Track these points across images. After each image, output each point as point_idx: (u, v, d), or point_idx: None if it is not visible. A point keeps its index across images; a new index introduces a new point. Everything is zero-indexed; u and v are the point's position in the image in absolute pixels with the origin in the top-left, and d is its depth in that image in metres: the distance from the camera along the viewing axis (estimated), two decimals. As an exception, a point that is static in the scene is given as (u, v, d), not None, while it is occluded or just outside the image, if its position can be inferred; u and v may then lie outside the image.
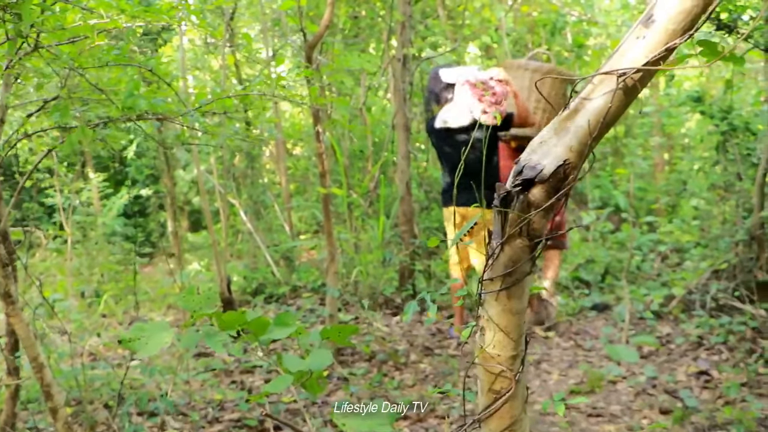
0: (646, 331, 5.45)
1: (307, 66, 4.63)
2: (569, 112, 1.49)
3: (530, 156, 1.52)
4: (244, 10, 8.96)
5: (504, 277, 1.58)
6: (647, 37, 1.40)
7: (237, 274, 7.60)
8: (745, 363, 4.59)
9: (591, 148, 1.49)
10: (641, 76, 1.42)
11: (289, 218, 8.58)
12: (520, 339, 1.66)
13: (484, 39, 8.62)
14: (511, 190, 1.54)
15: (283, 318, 2.57)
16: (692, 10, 1.37)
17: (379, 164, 7.16)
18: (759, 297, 5.40)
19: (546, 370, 4.91)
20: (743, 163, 6.42)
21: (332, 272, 5.23)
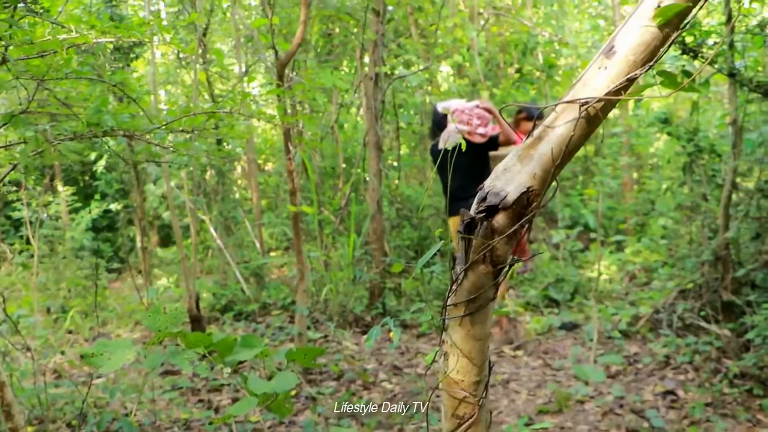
0: (614, 351, 5.49)
1: (278, 84, 4.63)
2: (533, 139, 1.50)
3: (494, 183, 1.53)
4: (217, 25, 8.94)
5: (468, 302, 1.59)
6: (609, 67, 1.42)
7: (206, 291, 7.54)
8: (710, 383, 4.64)
9: (554, 176, 1.50)
10: (603, 105, 1.44)
11: (259, 235, 8.53)
12: (484, 364, 1.67)
13: (456, 58, 8.67)
14: (475, 217, 1.55)
15: (248, 339, 2.56)
16: (652, 43, 1.39)
17: (351, 182, 7.17)
18: (724, 317, 5.46)
19: (514, 390, 4.92)
20: (709, 184, 6.51)
21: (302, 290, 5.22)
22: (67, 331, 6.77)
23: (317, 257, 6.80)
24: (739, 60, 5.58)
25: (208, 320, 6.91)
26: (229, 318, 6.91)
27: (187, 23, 5.39)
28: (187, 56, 6.97)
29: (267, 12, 4.70)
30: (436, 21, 8.43)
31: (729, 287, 5.62)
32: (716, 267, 5.76)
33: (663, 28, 1.38)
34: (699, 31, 5.10)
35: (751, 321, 5.00)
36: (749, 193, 5.85)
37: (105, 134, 3.53)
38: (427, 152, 9.15)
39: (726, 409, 4.30)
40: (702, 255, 5.90)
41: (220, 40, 10.60)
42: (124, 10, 8.39)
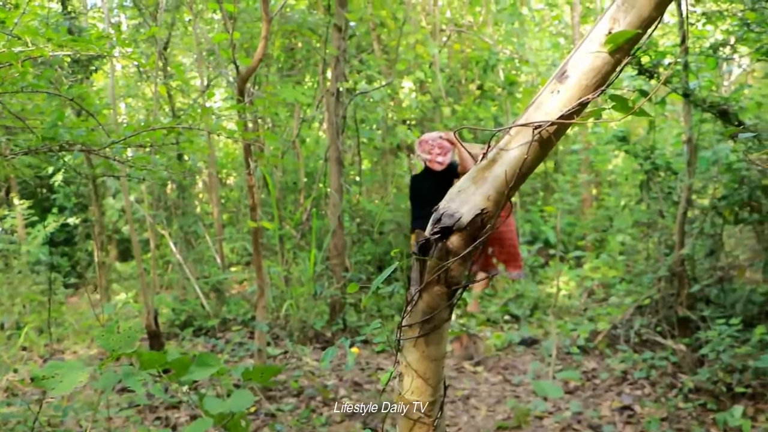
0: (573, 366, 5.54)
1: (239, 99, 4.61)
2: (487, 162, 1.51)
3: (449, 204, 1.54)
4: (179, 39, 8.88)
5: (422, 323, 1.59)
6: (561, 91, 1.44)
7: (166, 306, 7.45)
8: (665, 398, 4.70)
9: (508, 198, 1.51)
10: (556, 128, 1.46)
11: (220, 249, 8.47)
12: (439, 385, 1.67)
13: (419, 74, 8.72)
14: (429, 238, 1.55)
15: (204, 358, 2.53)
16: (603, 68, 1.42)
17: (312, 197, 7.15)
18: (679, 332, 5.55)
19: (474, 406, 4.93)
20: (665, 201, 6.62)
21: (261, 306, 5.18)
22: (21, 348, 6.63)
23: (278, 273, 6.77)
24: (694, 80, 5.70)
25: (167, 336, 6.82)
26: (189, 334, 6.83)
27: (147, 37, 5.35)
28: (148, 70, 6.91)
29: (228, 27, 4.68)
30: (398, 37, 8.47)
31: (684, 303, 5.71)
32: (672, 283, 5.86)
33: (614, 54, 1.40)
34: (654, 52, 5.20)
35: (705, 336, 5.09)
36: (704, 210, 5.97)
37: (61, 149, 3.49)
38: (388, 167, 9.20)
39: (681, 423, 4.36)
40: (658, 271, 5.99)
41: (183, 53, 10.53)
42: (84, 23, 8.31)
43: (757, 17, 4.51)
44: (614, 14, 1.40)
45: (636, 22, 1.38)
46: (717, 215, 5.90)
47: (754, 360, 4.67)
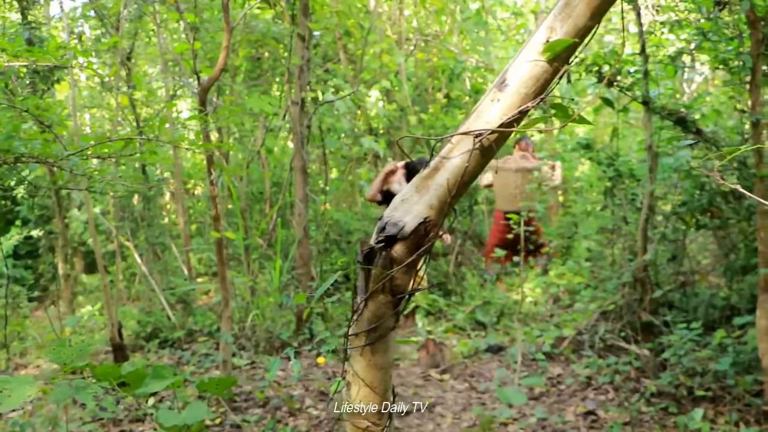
0: (538, 372, 5.56)
1: (200, 109, 4.59)
2: (430, 170, 1.52)
3: (392, 213, 1.54)
4: (143, 49, 8.82)
5: (368, 332, 1.59)
6: (501, 100, 1.45)
7: (131, 318, 7.37)
8: (628, 402, 4.74)
9: (450, 206, 1.52)
10: (497, 137, 1.47)
11: (187, 260, 8.40)
12: (387, 393, 1.67)
13: (385, 83, 8.74)
14: (374, 247, 1.55)
15: (160, 370, 2.51)
16: (542, 76, 1.43)
17: (277, 207, 7.13)
18: (643, 337, 5.60)
19: (440, 414, 4.93)
20: (629, 207, 6.69)
21: (226, 317, 5.16)
22: (-19, 363, 6.53)
23: (242, 283, 6.73)
24: (655, 88, 5.78)
25: (132, 348, 6.75)
26: (154, 346, 6.76)
27: (108, 47, 5.31)
28: (111, 80, 6.86)
29: (189, 37, 4.66)
30: (362, 46, 8.49)
31: (648, 308, 5.77)
32: (636, 288, 5.91)
33: (552, 63, 1.42)
34: (614, 60, 5.27)
35: (667, 341, 5.14)
36: (666, 216, 6.04)
37: (17, 161, 3.44)
38: (355, 176, 9.20)
39: (643, 427, 4.39)
40: (622, 277, 6.04)
41: (148, 63, 10.46)
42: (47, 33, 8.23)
43: (712, 26, 4.58)
44: (551, 24, 1.42)
45: (572, 32, 1.40)
46: (679, 221, 5.97)
47: (714, 363, 4.73)
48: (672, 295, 5.98)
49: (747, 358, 4.68)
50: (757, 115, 4.15)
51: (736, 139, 5.35)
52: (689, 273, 6.20)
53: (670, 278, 6.13)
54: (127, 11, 6.25)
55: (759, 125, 4.15)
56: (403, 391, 5.37)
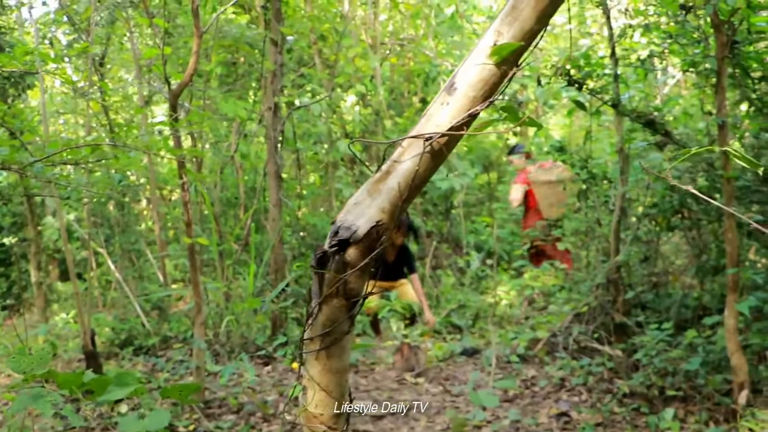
0: (512, 375, 5.58)
1: (170, 114, 4.57)
2: (381, 174, 1.53)
3: (346, 216, 1.55)
4: (117, 54, 8.77)
5: (323, 336, 1.59)
6: (451, 103, 1.46)
7: (105, 326, 7.31)
8: (601, 403, 4.77)
9: (402, 210, 1.53)
10: (447, 140, 1.48)
11: (162, 266, 8.36)
12: (343, 398, 1.67)
13: (360, 88, 8.75)
14: (327, 251, 1.56)
15: (123, 377, 2.49)
16: (490, 79, 1.44)
17: (251, 212, 7.11)
18: (616, 338, 5.63)
19: (414, 418, 4.94)
20: (602, 209, 6.74)
21: (199, 323, 5.13)
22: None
23: (216, 288, 6.70)
24: (627, 91, 5.83)
25: (106, 356, 6.71)
26: (129, 353, 6.72)
27: (77, 53, 5.27)
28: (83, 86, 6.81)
29: (159, 42, 4.64)
30: (336, 51, 8.50)
31: (620, 309, 5.81)
32: (609, 290, 5.95)
33: (500, 66, 1.43)
34: (587, 63, 5.31)
35: (640, 341, 5.18)
36: (637, 217, 6.09)
37: (-18, 167, 3.41)
38: (332, 181, 9.20)
39: (615, 428, 4.42)
40: (595, 279, 6.08)
41: (123, 69, 10.39)
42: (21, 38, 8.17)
43: (678, 30, 4.63)
44: (498, 27, 1.43)
45: (519, 35, 1.41)
46: (651, 222, 6.02)
47: (685, 363, 4.77)
48: (645, 295, 6.02)
49: (717, 357, 4.73)
50: (722, 117, 4.19)
51: (704, 141, 5.40)
52: (662, 274, 6.25)
53: (643, 279, 6.18)
54: (99, 16, 6.21)
55: (725, 127, 4.19)
56: (378, 395, 5.37)
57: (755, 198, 4.82)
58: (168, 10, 5.96)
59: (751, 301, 4.27)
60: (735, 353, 4.29)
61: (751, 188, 4.82)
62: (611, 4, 6.13)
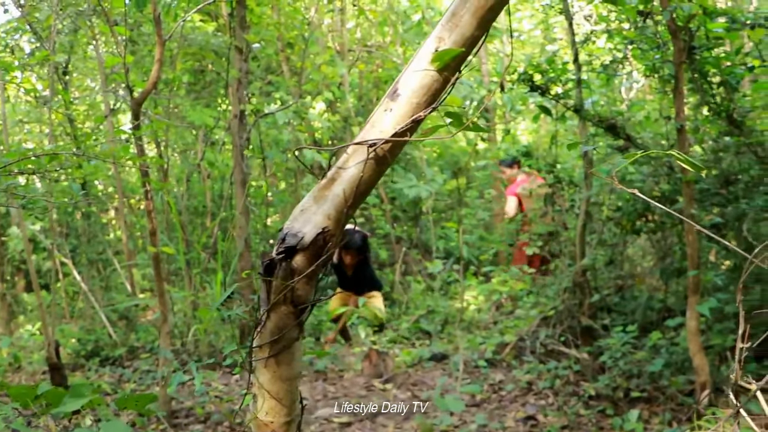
0: (480, 379, 5.60)
1: (133, 123, 4.54)
2: (326, 181, 1.53)
3: (292, 224, 1.55)
4: (82, 62, 8.69)
5: (272, 344, 1.59)
6: (394, 109, 1.47)
7: (71, 337, 7.23)
8: (567, 406, 4.80)
9: (348, 216, 1.53)
10: (391, 146, 1.48)
11: (130, 276, 8.28)
12: (294, 405, 1.67)
13: (327, 95, 8.75)
14: (274, 258, 1.56)
15: (78, 388, 2.47)
16: (432, 86, 1.45)
17: (217, 220, 7.08)
18: (582, 341, 5.68)
19: (382, 424, 4.94)
20: (568, 213, 6.80)
21: (165, 332, 5.09)
22: None
23: (182, 297, 6.65)
24: (590, 96, 5.88)
25: (72, 367, 6.63)
26: (95, 364, 6.65)
27: (37, 61, 5.22)
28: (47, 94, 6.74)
29: (120, 50, 4.61)
30: (302, 58, 8.50)
31: (587, 312, 5.85)
32: (575, 293, 6.00)
33: (442, 72, 1.44)
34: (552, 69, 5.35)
35: (605, 344, 5.23)
36: (602, 221, 6.14)
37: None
38: (301, 189, 9.19)
39: (581, 430, 4.46)
40: (562, 282, 6.13)
41: (90, 77, 10.30)
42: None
43: (637, 36, 4.69)
44: (440, 33, 1.44)
45: (460, 41, 1.42)
46: (615, 225, 6.08)
47: (649, 365, 4.82)
48: (611, 298, 6.08)
49: (680, 358, 4.79)
50: (681, 121, 4.25)
51: (666, 146, 5.47)
52: (627, 277, 6.31)
53: (609, 282, 6.23)
54: (61, 24, 6.16)
55: (683, 131, 4.25)
56: (346, 401, 5.36)
57: (715, 200, 4.89)
58: (132, 18, 5.91)
59: (711, 303, 4.33)
60: (697, 354, 4.35)
61: (710, 191, 4.89)
62: (574, 10, 6.20)
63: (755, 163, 4.83)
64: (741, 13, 4.48)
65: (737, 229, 4.86)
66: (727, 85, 4.68)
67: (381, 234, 9.15)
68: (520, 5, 10.46)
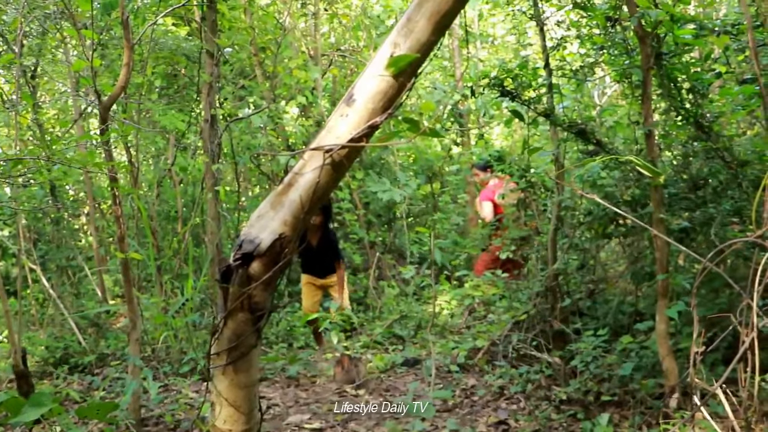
0: (453, 384, 5.59)
1: (101, 128, 4.49)
2: (283, 186, 1.52)
3: (249, 230, 1.53)
4: (52, 66, 8.60)
5: (229, 351, 1.57)
6: (350, 115, 1.46)
7: (40, 344, 7.12)
8: (539, 410, 4.80)
9: (305, 222, 1.52)
10: (348, 152, 1.47)
11: (101, 282, 8.19)
12: (252, 412, 1.65)
13: (300, 99, 8.73)
14: (230, 265, 1.54)
15: (38, 398, 2.43)
16: (388, 91, 1.44)
17: (188, 225, 7.02)
18: (554, 345, 5.69)
19: (354, 429, 4.92)
20: (541, 218, 6.82)
21: (134, 339, 5.03)
22: None
23: (152, 304, 6.58)
24: (561, 101, 5.91)
25: (41, 376, 6.54)
26: (63, 372, 6.55)
27: (3, 64, 5.15)
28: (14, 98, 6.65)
29: (87, 54, 4.56)
30: (275, 62, 8.47)
31: (558, 316, 5.87)
32: (547, 298, 6.01)
33: (397, 77, 1.43)
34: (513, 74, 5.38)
35: (576, 348, 5.24)
36: (574, 225, 6.17)
37: None
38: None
39: (552, 435, 4.46)
40: (534, 286, 6.14)
41: (60, 81, 10.19)
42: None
43: (605, 42, 4.72)
44: (395, 39, 1.43)
45: (415, 47, 1.41)
46: (588, 230, 6.11)
47: (619, 368, 4.84)
48: (583, 302, 6.10)
49: (650, 362, 4.81)
50: (649, 126, 4.28)
51: (636, 151, 5.51)
52: (599, 281, 6.34)
53: (581, 286, 6.26)
54: (28, 27, 6.09)
55: (651, 136, 4.28)
56: (317, 407, 5.34)
57: (684, 205, 4.92)
58: (101, 21, 5.85)
59: (680, 306, 4.36)
60: (666, 357, 4.37)
61: (679, 195, 4.93)
62: (546, 16, 6.23)
63: (723, 168, 4.87)
64: (709, 20, 4.54)
65: (705, 233, 4.90)
66: (696, 91, 4.72)
67: (355, 239, 9.13)
68: (494, 10, 10.49)
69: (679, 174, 5.45)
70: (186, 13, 8.16)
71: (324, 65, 9.64)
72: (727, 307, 4.60)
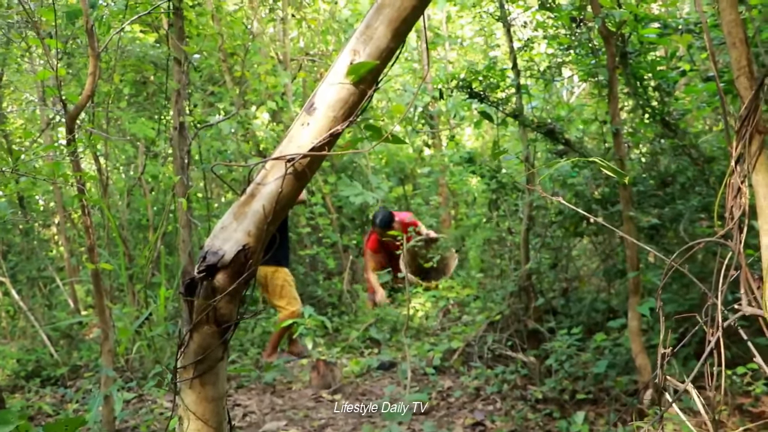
0: (429, 387, 5.59)
1: (68, 138, 4.44)
2: (246, 197, 1.50)
3: (213, 241, 1.52)
4: (15, 75, 8.49)
5: (196, 364, 1.56)
6: (311, 124, 1.45)
7: (10, 357, 7.02)
8: (515, 410, 4.82)
9: (269, 232, 1.51)
10: (310, 161, 1.46)
11: (72, 293, 8.10)
12: (221, 426, 1.63)
13: (270, 104, 8.69)
14: (195, 277, 1.52)
15: (4, 416, 2.39)
16: (349, 99, 1.44)
17: (158, 234, 6.96)
18: (529, 345, 5.72)
19: (330, 435, 4.91)
20: (512, 218, 6.85)
21: (106, 350, 4.98)
22: None
23: (125, 314, 6.51)
24: (530, 102, 5.95)
25: (12, 389, 6.44)
26: (35, 385, 6.47)
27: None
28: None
29: (52, 63, 4.50)
30: (243, 68, 8.43)
31: (533, 316, 5.90)
32: (521, 297, 6.04)
33: (358, 85, 1.43)
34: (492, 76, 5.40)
35: (551, 347, 5.27)
36: (545, 225, 6.20)
37: None
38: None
39: (528, 434, 4.48)
40: (508, 287, 6.16)
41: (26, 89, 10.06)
42: None
43: (571, 42, 4.76)
44: (354, 46, 1.43)
45: (375, 53, 1.41)
46: (559, 229, 6.14)
47: (594, 366, 4.87)
48: (556, 301, 6.14)
49: (623, 359, 4.85)
50: (617, 125, 4.32)
51: (604, 149, 5.55)
52: (571, 279, 6.38)
53: (553, 285, 6.29)
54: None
55: (619, 135, 4.32)
56: (293, 413, 5.31)
57: (652, 202, 4.97)
58: (66, 30, 5.79)
59: (651, 303, 4.40)
60: (639, 354, 4.41)
61: (647, 193, 4.98)
62: (512, 17, 6.26)
63: (690, 165, 4.93)
64: (673, 19, 4.58)
65: (675, 229, 4.95)
66: (661, 89, 4.77)
67: (329, 243, 9.11)
68: (462, 12, 10.53)
69: (648, 171, 5.50)
70: (153, 20, 8.09)
71: (294, 70, 9.60)
72: (699, 302, 4.65)
